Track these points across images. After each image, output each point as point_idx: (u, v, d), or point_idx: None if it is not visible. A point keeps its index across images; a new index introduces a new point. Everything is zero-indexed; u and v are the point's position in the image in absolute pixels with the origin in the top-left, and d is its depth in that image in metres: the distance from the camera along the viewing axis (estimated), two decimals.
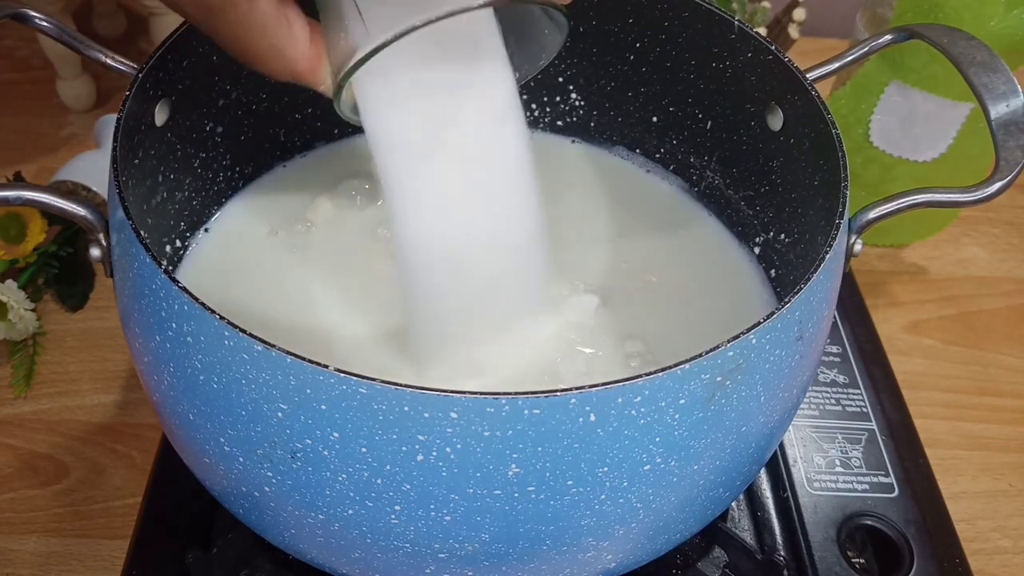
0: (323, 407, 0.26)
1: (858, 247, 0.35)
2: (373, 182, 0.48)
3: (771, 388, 0.30)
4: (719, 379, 0.28)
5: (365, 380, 0.25)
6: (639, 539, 0.32)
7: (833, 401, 0.50)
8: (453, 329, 0.38)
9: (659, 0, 0.44)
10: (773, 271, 0.45)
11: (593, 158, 0.52)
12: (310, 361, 0.26)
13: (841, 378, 0.51)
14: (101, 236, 0.33)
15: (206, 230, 0.45)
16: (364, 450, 0.27)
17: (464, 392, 0.25)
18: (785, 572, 0.42)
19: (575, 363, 0.40)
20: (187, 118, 0.41)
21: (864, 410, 0.49)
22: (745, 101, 0.43)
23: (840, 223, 0.33)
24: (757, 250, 0.46)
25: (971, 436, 0.53)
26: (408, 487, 0.27)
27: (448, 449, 0.26)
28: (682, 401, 0.27)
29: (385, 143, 0.34)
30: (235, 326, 0.27)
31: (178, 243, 0.44)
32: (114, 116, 0.34)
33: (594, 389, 0.26)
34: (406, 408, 0.26)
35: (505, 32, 0.34)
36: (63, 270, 0.55)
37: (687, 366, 0.27)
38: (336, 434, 0.27)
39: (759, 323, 0.28)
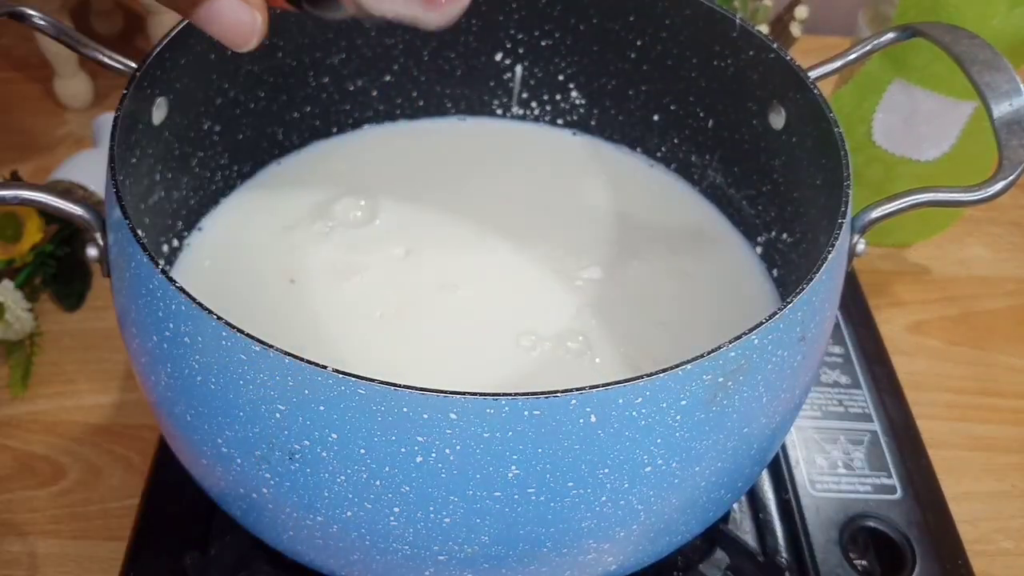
0: (321, 408, 0.26)
1: (861, 247, 0.35)
2: (372, 180, 0.48)
3: (773, 389, 0.30)
4: (721, 380, 0.28)
5: (364, 381, 0.25)
6: (640, 541, 0.32)
7: (835, 402, 0.50)
8: None
9: None
10: (775, 271, 0.45)
11: (595, 152, 0.52)
12: (308, 362, 0.26)
13: (843, 379, 0.51)
14: (98, 235, 0.33)
15: (199, 229, 0.45)
16: (363, 451, 0.27)
17: (464, 393, 0.25)
18: (787, 574, 0.42)
19: (573, 363, 0.40)
20: (184, 117, 0.41)
21: (866, 411, 0.49)
22: (747, 100, 0.43)
23: (842, 222, 0.32)
24: (759, 249, 0.46)
25: (974, 437, 0.53)
26: (407, 489, 0.27)
27: (447, 450, 0.26)
28: (683, 402, 0.27)
29: None
30: (232, 326, 0.26)
31: (175, 242, 0.43)
32: (111, 115, 0.34)
33: (595, 390, 0.26)
34: (405, 409, 0.25)
35: None
36: (60, 270, 0.55)
37: (688, 367, 0.27)
38: (335, 435, 0.27)
39: (761, 323, 0.28)
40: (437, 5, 0.27)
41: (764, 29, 0.64)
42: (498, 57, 0.50)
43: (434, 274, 0.43)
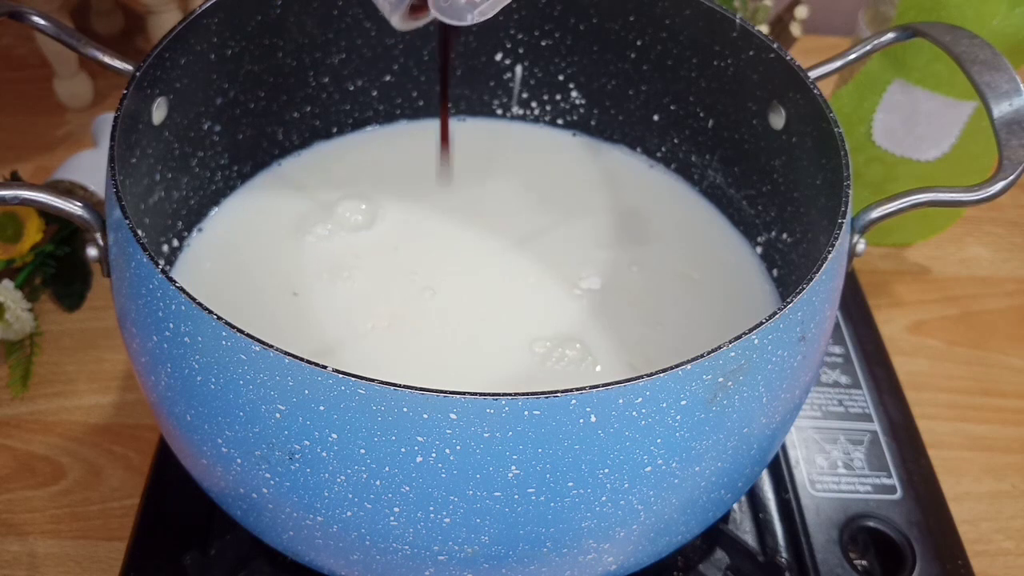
0: (321, 408, 0.26)
1: (861, 247, 0.35)
2: (372, 181, 0.48)
3: (773, 389, 0.30)
4: (721, 380, 0.28)
5: (364, 381, 0.25)
6: (640, 541, 0.32)
7: (835, 402, 0.50)
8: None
9: None
10: (775, 271, 0.45)
11: (595, 152, 0.52)
12: (308, 362, 0.26)
13: (843, 379, 0.51)
14: (98, 235, 0.33)
15: (200, 229, 0.45)
16: (363, 451, 0.27)
17: (464, 393, 0.25)
18: (787, 574, 0.42)
19: (573, 363, 0.40)
20: (184, 117, 0.41)
21: (866, 411, 0.49)
22: (747, 100, 0.43)
23: (842, 222, 0.32)
24: (759, 249, 0.46)
25: (974, 437, 0.53)
26: (407, 489, 0.27)
27: (447, 450, 0.26)
28: (683, 402, 0.27)
29: None
30: (233, 326, 0.26)
31: (175, 242, 0.43)
32: (111, 115, 0.34)
33: (595, 390, 0.26)
34: (405, 409, 0.25)
35: None
36: (60, 270, 0.55)
37: (688, 367, 0.27)
38: (335, 435, 0.27)
39: (761, 323, 0.28)
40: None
41: (764, 29, 0.64)
42: (498, 57, 0.50)
43: (433, 278, 0.43)
